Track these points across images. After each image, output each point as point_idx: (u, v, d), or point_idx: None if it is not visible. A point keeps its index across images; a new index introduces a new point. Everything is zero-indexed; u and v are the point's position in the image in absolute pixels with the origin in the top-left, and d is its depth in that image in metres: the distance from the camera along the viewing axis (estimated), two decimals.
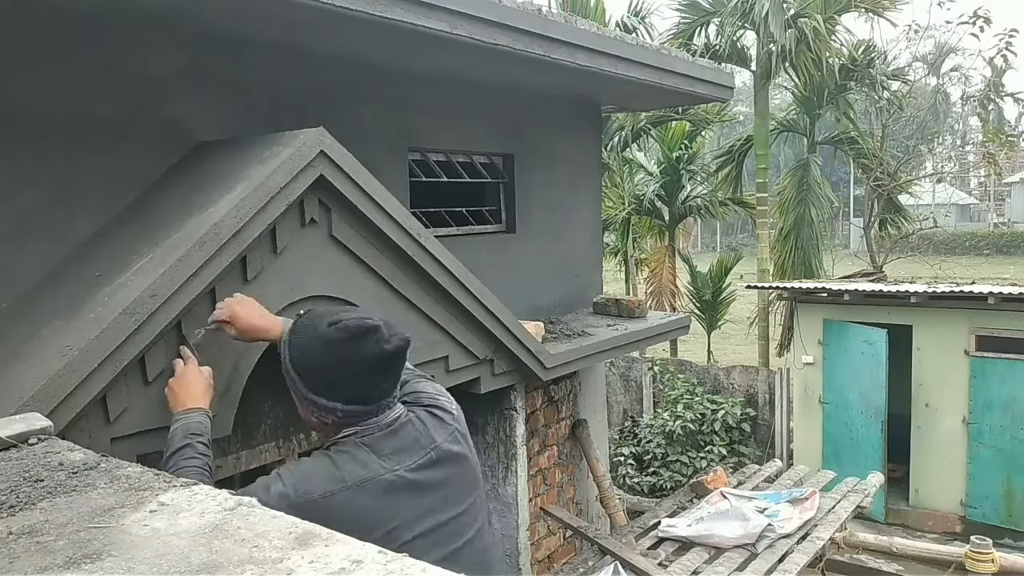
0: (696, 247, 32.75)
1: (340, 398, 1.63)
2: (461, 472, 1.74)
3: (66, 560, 0.98)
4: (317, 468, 1.62)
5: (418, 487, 1.64)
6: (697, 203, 13.72)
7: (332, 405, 1.64)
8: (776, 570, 4.26)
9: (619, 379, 11.02)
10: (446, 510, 1.68)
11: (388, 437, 1.66)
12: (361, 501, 1.57)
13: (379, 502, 1.59)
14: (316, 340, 1.65)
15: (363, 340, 1.62)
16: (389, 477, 1.61)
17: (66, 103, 2.61)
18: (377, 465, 1.62)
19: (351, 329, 1.62)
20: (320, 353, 1.64)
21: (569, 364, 4.12)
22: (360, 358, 1.61)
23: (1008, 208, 40.80)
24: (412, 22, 2.90)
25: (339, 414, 1.64)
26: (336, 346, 1.62)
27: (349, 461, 1.61)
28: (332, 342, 1.63)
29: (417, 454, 1.67)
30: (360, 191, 2.61)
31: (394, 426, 1.68)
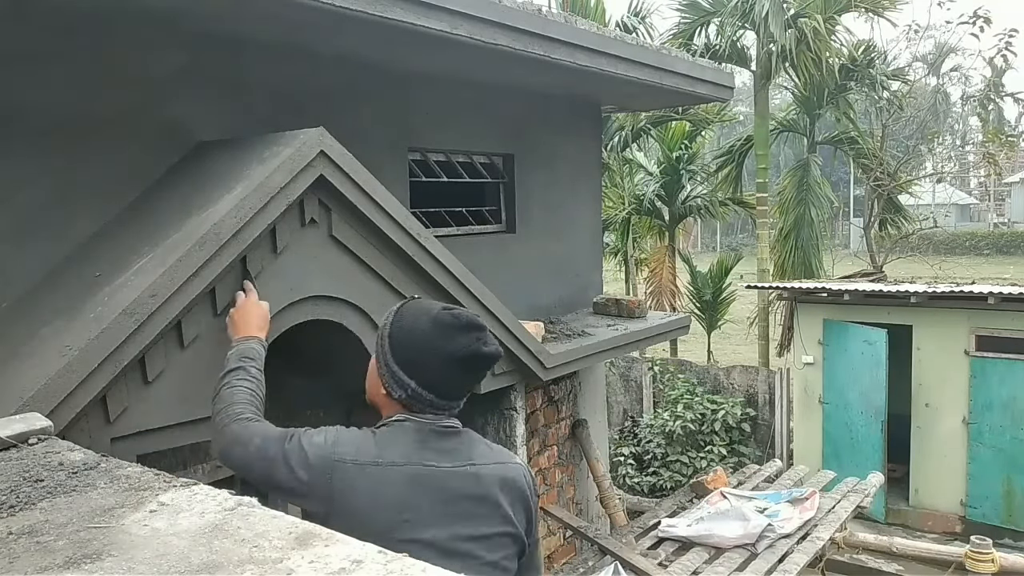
0: (696, 247, 32.75)
1: (418, 378, 1.66)
2: (486, 497, 1.66)
3: (66, 560, 0.98)
4: (359, 437, 1.66)
5: (447, 491, 1.61)
6: (697, 203, 13.72)
7: (407, 381, 1.66)
8: (776, 570, 4.26)
9: (619, 379, 11.02)
10: (464, 527, 1.61)
11: (439, 435, 1.67)
12: (388, 480, 1.58)
13: (403, 489, 1.58)
14: (425, 318, 1.68)
15: (468, 333, 1.66)
16: (421, 469, 1.61)
17: (66, 103, 2.61)
18: (415, 455, 1.62)
19: (462, 319, 1.67)
20: (423, 330, 1.67)
21: (569, 364, 4.12)
22: (457, 348, 1.64)
23: (1008, 208, 40.80)
24: (412, 22, 2.90)
25: (408, 392, 1.66)
26: (441, 329, 1.65)
27: (391, 443, 1.63)
28: (439, 324, 1.66)
29: (457, 460, 1.66)
30: (360, 191, 2.61)
31: (447, 430, 1.69)
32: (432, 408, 1.67)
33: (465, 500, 1.63)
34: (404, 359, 1.67)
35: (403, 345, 1.69)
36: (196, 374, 2.23)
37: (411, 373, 1.66)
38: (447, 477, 1.62)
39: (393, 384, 1.69)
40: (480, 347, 1.65)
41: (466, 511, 1.62)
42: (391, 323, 1.73)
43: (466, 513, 1.62)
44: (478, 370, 1.71)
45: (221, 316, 2.28)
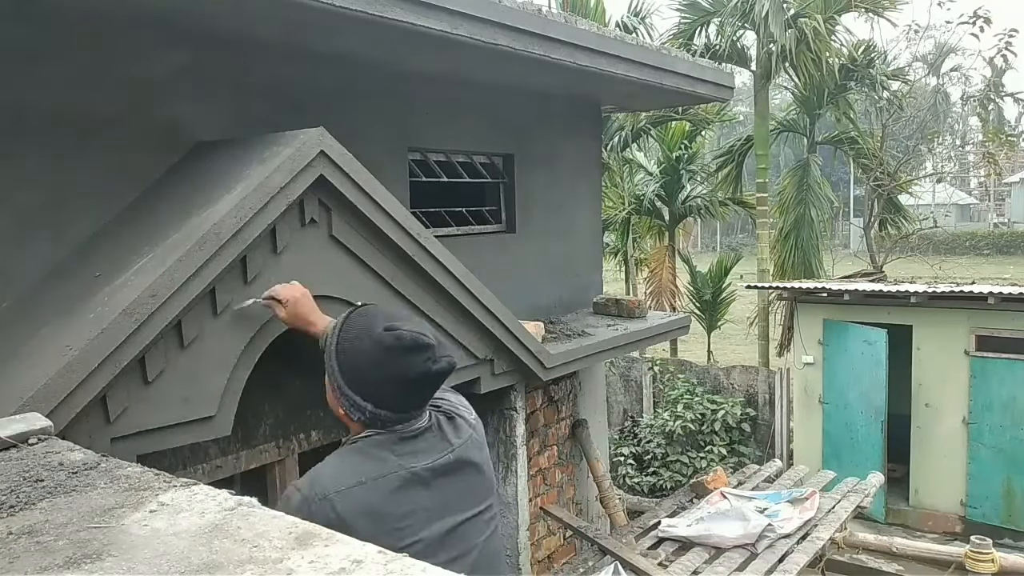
0: (696, 247, 32.75)
1: (373, 400, 1.64)
2: (476, 479, 1.75)
3: (66, 560, 0.98)
4: (331, 467, 1.64)
5: (433, 486, 1.65)
6: (697, 203, 13.72)
7: (363, 404, 1.65)
8: (776, 570, 4.26)
9: (619, 379, 11.02)
10: (459, 513, 1.69)
11: (409, 440, 1.67)
12: (376, 497, 1.58)
13: (394, 498, 1.60)
14: (368, 340, 1.66)
15: (414, 355, 1.63)
16: (404, 474, 1.63)
17: (66, 103, 2.61)
18: (394, 462, 1.63)
19: (405, 341, 1.63)
20: (368, 354, 1.65)
21: (569, 364, 4.12)
22: (405, 371, 1.62)
23: (1008, 208, 40.79)
24: (412, 22, 2.90)
25: (367, 414, 1.66)
26: (386, 353, 1.63)
27: (366, 460, 1.63)
28: (383, 347, 1.63)
29: (433, 455, 1.68)
30: (360, 191, 2.61)
31: (414, 434, 1.69)
32: (396, 422, 1.67)
33: (454, 483, 1.68)
34: (355, 384, 1.66)
35: (351, 370, 1.67)
36: (196, 374, 2.23)
37: (365, 396, 1.65)
38: (429, 474, 1.65)
39: (351, 408, 1.68)
40: (430, 367, 1.63)
41: (457, 496, 1.68)
42: (336, 345, 1.72)
43: (457, 497, 1.68)
44: (433, 385, 1.69)
45: (221, 316, 2.28)
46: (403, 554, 1.42)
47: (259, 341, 2.40)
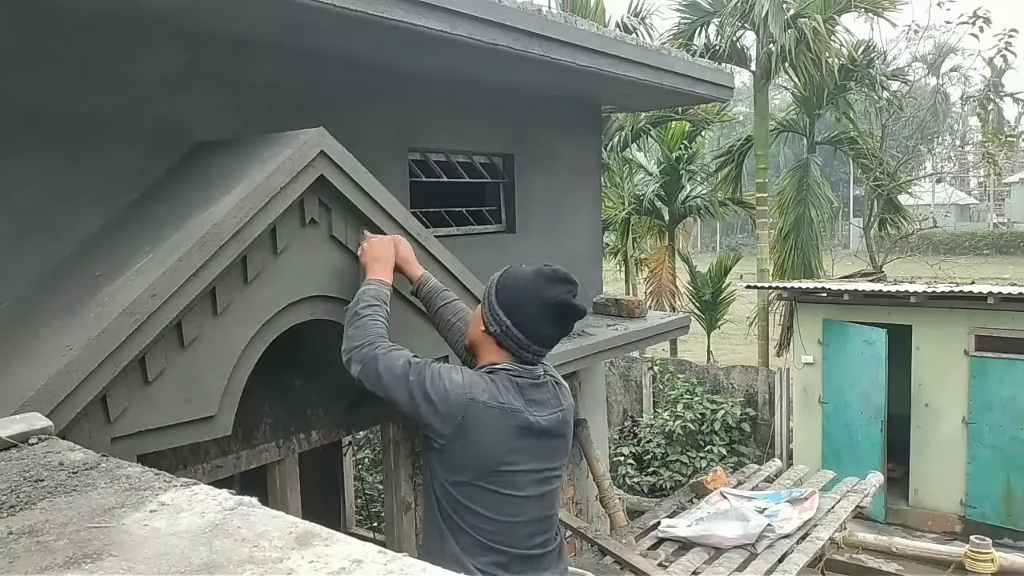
0: (696, 247, 32.74)
1: (513, 317, 1.99)
2: (567, 434, 2.13)
3: (66, 560, 0.98)
4: (486, 383, 1.99)
5: (543, 435, 2.02)
6: (697, 203, 13.72)
7: (504, 319, 2.00)
8: (776, 570, 4.26)
9: (619, 379, 11.02)
10: (551, 460, 2.09)
11: (533, 387, 2.04)
12: (505, 423, 1.96)
13: (514, 432, 1.97)
14: (529, 269, 2.04)
15: (561, 285, 1.99)
16: (529, 418, 1.99)
17: (66, 103, 2.61)
18: (522, 404, 2.00)
19: (559, 273, 2.01)
20: (524, 278, 2.02)
21: (569, 364, 4.12)
22: (550, 295, 1.97)
23: (1008, 208, 40.80)
24: (412, 22, 2.90)
25: (503, 328, 2.00)
26: (540, 278, 2.00)
27: (506, 390, 2.00)
28: (540, 275, 2.00)
29: (549, 409, 2.05)
30: (360, 191, 2.61)
31: (538, 381, 2.06)
32: (519, 348, 2.00)
33: (554, 441, 2.07)
34: (505, 300, 2.02)
35: (507, 288, 2.03)
36: (196, 374, 2.23)
37: (508, 312, 2.00)
38: (544, 426, 2.03)
39: (491, 320, 2.02)
40: (569, 298, 1.98)
41: (554, 449, 2.09)
42: (501, 274, 2.09)
43: (554, 450, 2.09)
44: (565, 320, 2.03)
45: (221, 316, 2.28)
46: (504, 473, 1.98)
47: (259, 341, 2.40)
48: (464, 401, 1.94)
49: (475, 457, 1.97)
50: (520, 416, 1.98)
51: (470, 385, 1.97)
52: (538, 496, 2.06)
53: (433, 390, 1.96)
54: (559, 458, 2.13)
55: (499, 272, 2.11)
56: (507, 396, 1.98)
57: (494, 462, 1.96)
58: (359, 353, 2.15)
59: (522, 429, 1.98)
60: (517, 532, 2.02)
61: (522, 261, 2.13)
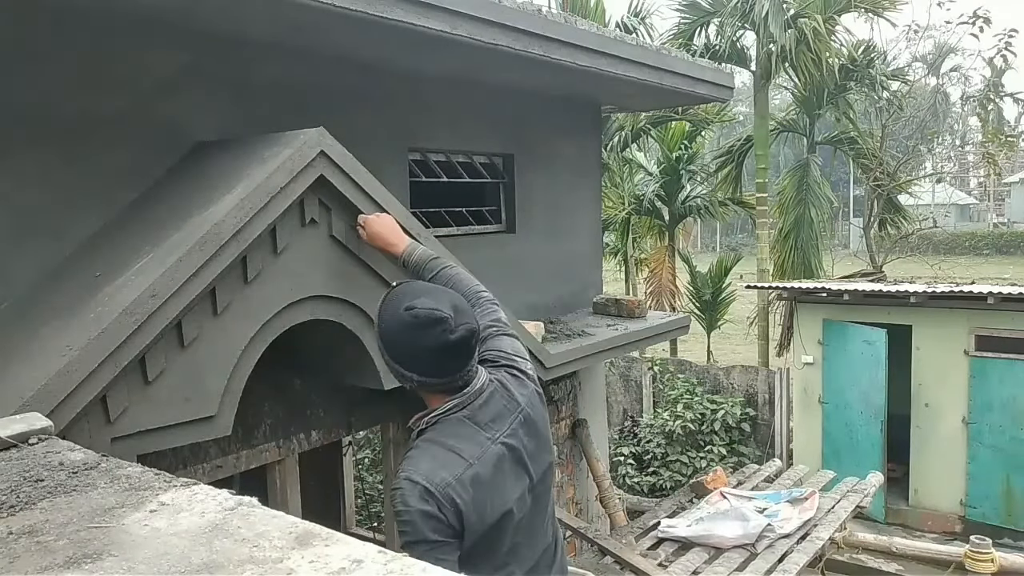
0: (696, 247, 32.73)
1: (414, 371, 1.83)
2: (542, 430, 1.95)
3: (66, 560, 0.98)
4: (437, 457, 1.75)
5: (515, 451, 1.84)
6: (697, 203, 13.71)
7: (408, 375, 1.85)
8: (776, 570, 4.26)
9: (619, 379, 11.02)
10: (535, 456, 1.90)
11: (483, 408, 1.84)
12: (484, 471, 1.76)
13: (495, 470, 1.79)
14: (394, 320, 1.85)
15: (430, 329, 1.79)
16: (496, 449, 1.81)
17: (66, 103, 2.61)
18: (483, 437, 1.81)
19: (420, 318, 1.80)
20: (396, 332, 1.84)
21: (569, 364, 4.12)
22: (427, 343, 1.79)
23: (1008, 208, 40.79)
24: (412, 22, 2.90)
25: (415, 382, 1.84)
26: (408, 329, 1.81)
27: (460, 440, 1.78)
28: (405, 325, 1.82)
29: (508, 419, 1.86)
30: (360, 191, 2.61)
31: (483, 395, 1.85)
32: (446, 386, 1.83)
33: (531, 439, 1.88)
34: (396, 357, 1.86)
35: (389, 346, 1.87)
36: (196, 374, 2.23)
37: (407, 367, 1.84)
38: (514, 442, 1.84)
39: (400, 378, 1.87)
40: (447, 338, 1.78)
41: (536, 442, 1.90)
42: (377, 327, 1.91)
43: (537, 442, 1.90)
44: (459, 352, 1.82)
45: (221, 316, 2.28)
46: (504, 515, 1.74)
47: (259, 341, 2.40)
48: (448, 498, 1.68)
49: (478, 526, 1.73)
50: (490, 453, 1.78)
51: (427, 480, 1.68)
52: (533, 507, 1.88)
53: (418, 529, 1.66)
54: (541, 460, 1.92)
55: (376, 320, 1.92)
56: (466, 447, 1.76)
57: (493, 516, 1.76)
58: None
59: (498, 461, 1.79)
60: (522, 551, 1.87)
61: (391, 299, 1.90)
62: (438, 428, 1.81)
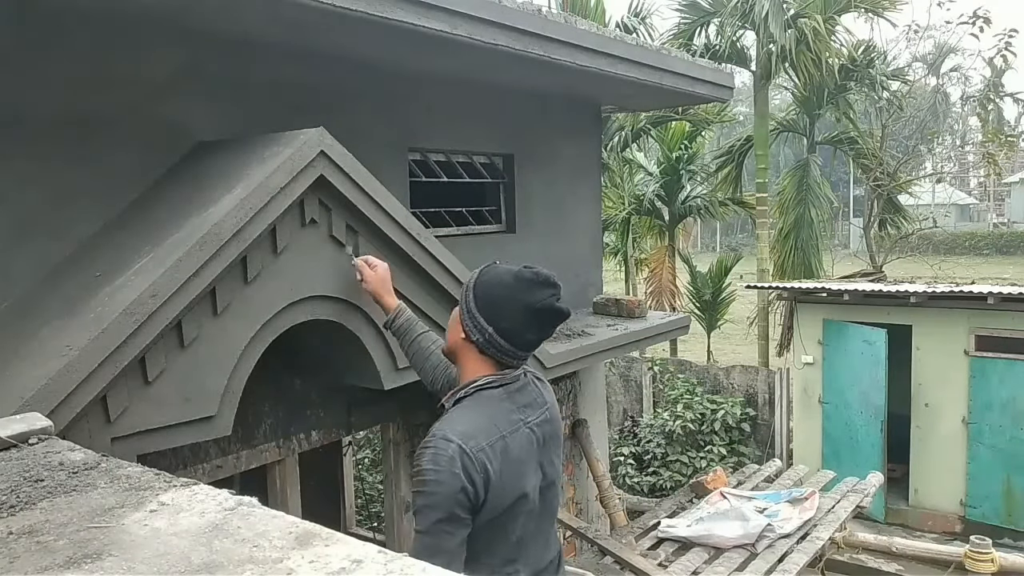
0: (696, 247, 32.72)
1: (496, 324, 1.86)
2: (558, 432, 2.03)
3: (66, 560, 0.98)
4: (475, 421, 1.80)
5: (540, 439, 1.91)
6: (697, 203, 13.72)
7: (486, 327, 1.87)
8: (776, 570, 4.26)
9: (619, 379, 11.02)
10: (549, 464, 1.96)
11: (520, 392, 1.91)
12: (514, 446, 1.81)
13: (522, 447, 1.84)
14: (506, 273, 1.91)
15: (544, 288, 1.87)
16: (525, 430, 1.87)
17: (66, 103, 2.61)
18: (517, 416, 1.87)
19: (541, 276, 1.88)
20: (504, 282, 1.89)
21: (569, 364, 4.12)
22: (534, 300, 1.85)
23: (1008, 208, 40.79)
24: (412, 22, 2.90)
25: (486, 336, 1.87)
26: (521, 282, 1.87)
27: (496, 412, 1.84)
28: (519, 278, 1.88)
29: (538, 411, 1.94)
30: (360, 191, 2.61)
31: (520, 383, 1.93)
32: (503, 355, 1.88)
33: (551, 439, 1.97)
34: (484, 306, 1.89)
35: (487, 294, 1.90)
36: (196, 374, 2.23)
37: (490, 318, 1.87)
38: (539, 428, 1.92)
39: (473, 328, 1.88)
40: (553, 302, 1.87)
41: (553, 445, 1.99)
42: (476, 277, 1.96)
43: (549, 452, 1.96)
44: (549, 324, 1.91)
45: (221, 316, 2.28)
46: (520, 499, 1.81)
47: (259, 341, 2.40)
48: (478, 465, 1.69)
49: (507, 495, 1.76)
50: (521, 431, 1.83)
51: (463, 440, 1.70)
52: (543, 508, 1.91)
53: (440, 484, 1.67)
54: (555, 460, 1.99)
55: (475, 274, 1.96)
56: (502, 419, 1.81)
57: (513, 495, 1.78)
58: None
59: (527, 439, 1.85)
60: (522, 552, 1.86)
61: (500, 261, 1.99)
62: (475, 397, 1.85)
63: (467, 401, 1.85)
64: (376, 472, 7.26)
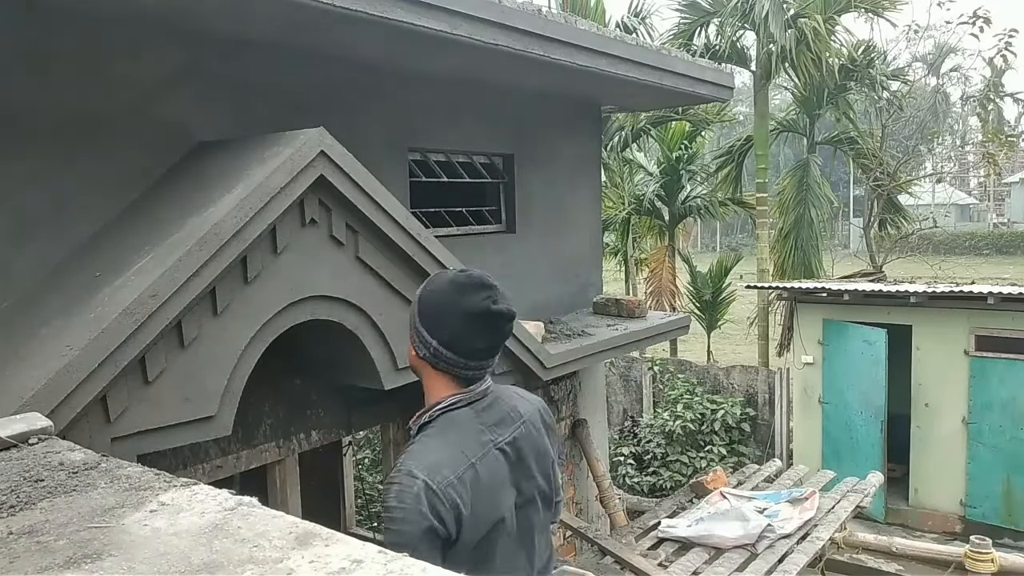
0: (696, 247, 32.73)
1: (439, 336, 1.78)
2: (539, 441, 1.92)
3: (66, 560, 0.98)
4: (442, 451, 1.72)
5: (513, 458, 1.82)
6: (697, 203, 13.71)
7: (430, 340, 1.79)
8: (776, 570, 4.26)
9: (619, 379, 11.02)
10: (530, 473, 1.87)
11: (488, 409, 1.82)
12: (484, 473, 1.73)
13: (495, 472, 1.76)
14: (443, 280, 1.83)
15: (475, 292, 1.77)
16: (495, 452, 1.78)
17: (66, 103, 2.61)
18: (487, 438, 1.78)
19: (473, 278, 1.80)
20: (438, 291, 1.82)
21: (569, 364, 4.12)
22: (469, 305, 1.76)
23: (1008, 208, 40.80)
24: (412, 22, 2.90)
25: (431, 350, 1.79)
26: (452, 289, 1.79)
27: (464, 436, 1.75)
28: (451, 284, 1.80)
29: (510, 427, 1.84)
30: (360, 191, 2.61)
31: (488, 397, 1.84)
32: (455, 367, 1.79)
33: (528, 454, 1.87)
34: (426, 319, 1.81)
35: (426, 307, 1.83)
36: (196, 374, 2.23)
37: (432, 332, 1.79)
38: (512, 446, 1.83)
39: (419, 343, 1.81)
40: (489, 304, 1.76)
41: (533, 459, 1.87)
42: (422, 288, 1.88)
43: (534, 459, 1.87)
44: (493, 328, 1.80)
45: (221, 316, 2.28)
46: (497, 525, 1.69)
47: (259, 341, 2.40)
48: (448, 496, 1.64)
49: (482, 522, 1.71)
50: (491, 455, 1.76)
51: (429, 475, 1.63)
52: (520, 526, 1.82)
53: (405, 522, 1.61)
54: (536, 474, 1.88)
55: (421, 286, 1.89)
56: (470, 444, 1.73)
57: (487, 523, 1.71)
58: None
59: (496, 463, 1.76)
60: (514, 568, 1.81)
61: (445, 270, 1.95)
62: (440, 422, 1.77)
63: (433, 428, 1.77)
64: (376, 472, 7.25)
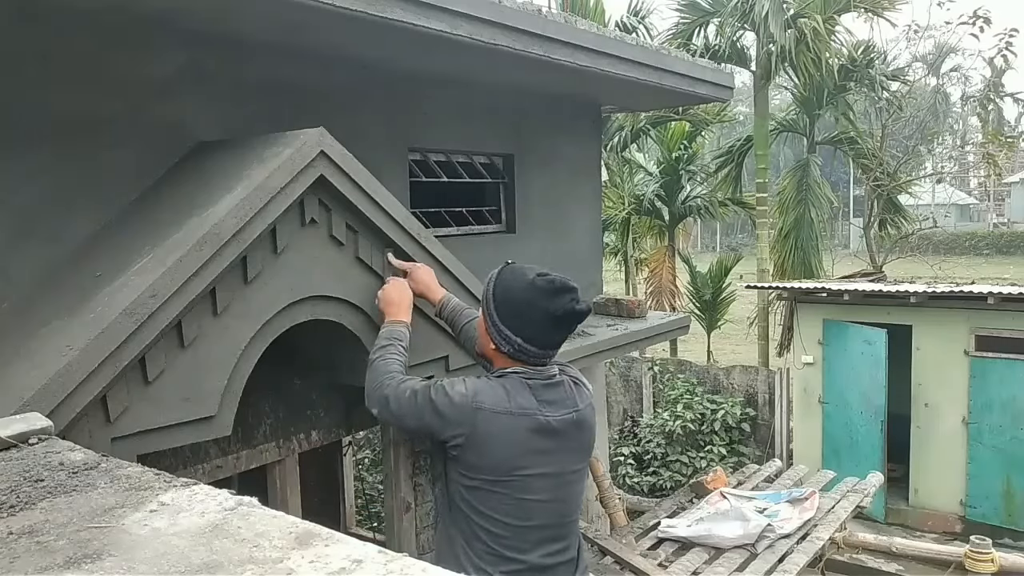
0: (696, 247, 32.72)
1: (522, 334, 1.99)
2: (585, 437, 2.12)
3: (66, 560, 0.98)
4: (493, 388, 2.00)
5: (558, 436, 2.01)
6: (697, 203, 13.72)
7: (514, 338, 2.00)
8: (776, 570, 4.26)
9: (619, 379, 11.02)
10: (568, 463, 2.06)
11: (547, 388, 2.03)
12: (516, 426, 1.96)
13: (527, 435, 1.97)
14: (523, 282, 2.02)
15: (562, 295, 1.97)
16: (541, 419, 1.98)
17: (66, 103, 2.61)
18: (535, 406, 1.99)
19: (556, 283, 1.99)
20: (522, 292, 2.00)
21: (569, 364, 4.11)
22: (553, 308, 1.97)
23: (1008, 208, 40.81)
24: (412, 22, 2.90)
25: (515, 346, 2.00)
26: (538, 292, 1.98)
27: (517, 393, 1.99)
28: (536, 288, 1.99)
29: (562, 410, 2.04)
30: (360, 191, 2.61)
31: (551, 381, 2.05)
32: (535, 358, 2.02)
33: (571, 443, 2.05)
34: (507, 318, 2.01)
35: (506, 306, 2.02)
36: (196, 374, 2.23)
37: (515, 329, 1.99)
38: (557, 427, 2.01)
39: (500, 340, 2.02)
40: (574, 306, 1.98)
41: (571, 451, 2.06)
42: (493, 288, 2.07)
43: (571, 452, 2.06)
44: (572, 324, 2.04)
45: (221, 316, 2.28)
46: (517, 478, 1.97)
47: (259, 341, 2.40)
48: (471, 409, 1.95)
49: (489, 462, 1.97)
50: (532, 418, 1.97)
51: (475, 393, 1.97)
52: (552, 501, 2.03)
53: (439, 403, 1.98)
54: (577, 461, 2.10)
55: (491, 283, 2.09)
56: (517, 399, 1.97)
57: (508, 466, 1.96)
58: (373, 397, 2.22)
59: (535, 431, 1.98)
60: (529, 538, 1.98)
61: (511, 262, 2.09)
62: (503, 378, 2.02)
63: (494, 377, 2.04)
64: (376, 472, 7.25)
